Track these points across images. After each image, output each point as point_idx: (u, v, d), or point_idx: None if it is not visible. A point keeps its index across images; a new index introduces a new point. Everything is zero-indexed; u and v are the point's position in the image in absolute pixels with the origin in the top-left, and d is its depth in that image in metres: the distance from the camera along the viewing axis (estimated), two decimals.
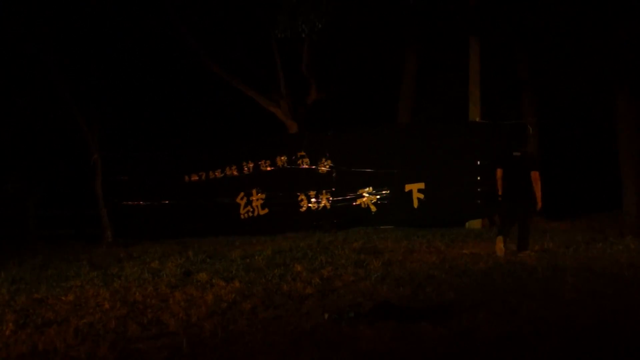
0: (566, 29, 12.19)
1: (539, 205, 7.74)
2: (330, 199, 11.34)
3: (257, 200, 11.60)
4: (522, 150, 8.05)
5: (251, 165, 11.72)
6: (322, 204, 11.37)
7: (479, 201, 10.53)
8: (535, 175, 7.68)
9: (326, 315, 4.85)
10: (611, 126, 13.38)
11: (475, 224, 11.72)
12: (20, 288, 6.61)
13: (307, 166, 11.49)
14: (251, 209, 11.62)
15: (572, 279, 5.96)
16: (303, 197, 11.46)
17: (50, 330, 4.83)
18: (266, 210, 11.56)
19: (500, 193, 7.96)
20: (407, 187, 10.91)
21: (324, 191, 11.36)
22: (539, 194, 7.66)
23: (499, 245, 7.57)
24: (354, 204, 11.23)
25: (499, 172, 7.96)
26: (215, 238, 10.64)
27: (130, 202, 12.18)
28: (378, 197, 11.10)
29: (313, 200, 11.42)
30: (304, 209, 11.46)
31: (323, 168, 11.42)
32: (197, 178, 11.85)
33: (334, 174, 11.35)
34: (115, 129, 14.20)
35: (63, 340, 4.50)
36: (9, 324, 4.99)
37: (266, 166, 11.67)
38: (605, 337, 4.17)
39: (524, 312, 4.87)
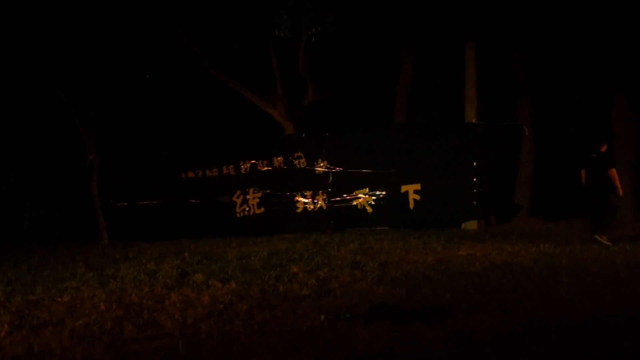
0: (563, 30, 12.21)
1: (620, 193, 8.96)
2: (327, 199, 11.34)
3: (254, 199, 11.60)
4: (598, 152, 9.15)
5: (248, 165, 11.72)
6: (319, 205, 11.38)
7: (475, 202, 10.55)
8: (612, 172, 8.90)
9: (322, 317, 4.85)
10: (607, 127, 13.41)
11: (471, 225, 11.73)
12: (16, 289, 6.59)
13: (303, 167, 11.50)
14: (247, 208, 11.63)
15: (567, 279, 5.97)
16: (299, 197, 11.46)
17: (46, 331, 4.82)
18: (262, 209, 11.57)
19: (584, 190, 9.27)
20: (403, 188, 10.92)
21: (320, 192, 11.37)
22: (617, 185, 8.88)
23: (602, 239, 8.70)
24: (351, 204, 11.24)
25: (583, 172, 9.29)
26: (211, 239, 10.63)
27: (126, 203, 12.18)
28: (374, 198, 11.11)
29: (309, 200, 11.42)
30: (300, 209, 11.47)
31: (319, 169, 11.43)
32: (193, 175, 11.86)
33: (330, 175, 11.36)
34: (112, 129, 14.19)
35: (58, 342, 4.50)
36: (5, 325, 4.97)
37: (263, 166, 11.68)
38: (601, 338, 4.18)
39: (520, 312, 4.87)
